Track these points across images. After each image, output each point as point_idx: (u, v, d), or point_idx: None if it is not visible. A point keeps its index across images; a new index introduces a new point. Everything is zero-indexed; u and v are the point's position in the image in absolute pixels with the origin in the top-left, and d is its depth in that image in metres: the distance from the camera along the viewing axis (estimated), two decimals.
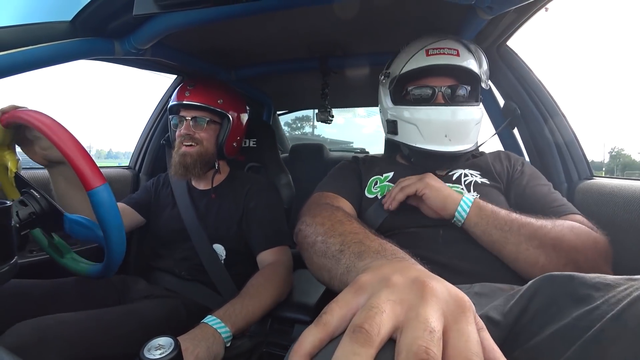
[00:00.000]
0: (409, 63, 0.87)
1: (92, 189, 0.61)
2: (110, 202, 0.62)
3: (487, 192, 0.81)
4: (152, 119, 1.53)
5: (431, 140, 0.84)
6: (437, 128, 0.83)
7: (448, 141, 0.82)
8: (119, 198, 1.37)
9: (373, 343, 0.25)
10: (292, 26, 1.06)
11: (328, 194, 0.84)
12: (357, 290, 0.31)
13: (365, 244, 0.46)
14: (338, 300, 0.31)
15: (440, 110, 0.83)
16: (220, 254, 1.05)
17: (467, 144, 0.85)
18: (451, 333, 0.26)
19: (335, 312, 0.29)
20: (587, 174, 1.04)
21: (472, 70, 0.85)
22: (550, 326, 0.40)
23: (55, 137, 0.62)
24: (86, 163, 0.61)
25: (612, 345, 0.33)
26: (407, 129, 0.87)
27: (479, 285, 0.62)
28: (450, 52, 0.84)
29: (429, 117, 0.83)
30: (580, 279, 0.40)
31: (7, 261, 0.50)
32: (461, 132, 0.84)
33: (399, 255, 0.42)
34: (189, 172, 1.04)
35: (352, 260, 0.44)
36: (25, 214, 0.66)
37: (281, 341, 0.93)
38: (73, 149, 0.61)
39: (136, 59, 1.07)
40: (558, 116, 1.09)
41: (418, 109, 0.85)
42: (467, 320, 0.27)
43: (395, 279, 0.30)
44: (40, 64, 0.79)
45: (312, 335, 0.28)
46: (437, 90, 0.85)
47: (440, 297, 0.28)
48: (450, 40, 0.87)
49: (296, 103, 2.25)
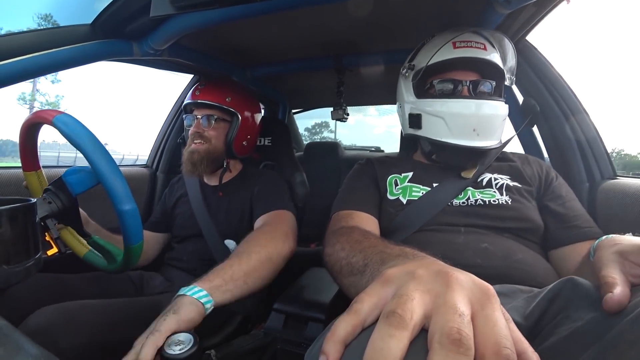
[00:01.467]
0: (436, 55, 0.84)
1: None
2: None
3: (519, 196, 0.79)
4: (169, 118, 1.56)
5: (459, 134, 0.81)
6: (466, 121, 0.80)
7: (476, 135, 0.80)
8: (137, 196, 1.41)
9: (407, 326, 0.25)
10: (307, 25, 1.06)
11: (343, 213, 0.83)
12: (384, 282, 0.31)
13: (386, 252, 0.47)
14: (367, 291, 0.31)
15: (468, 103, 0.81)
16: (231, 249, 1.06)
17: (494, 140, 0.83)
18: (479, 319, 0.26)
19: (365, 301, 0.30)
20: (610, 173, 1.00)
21: (498, 65, 0.84)
22: (567, 328, 0.39)
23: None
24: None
25: (630, 349, 0.32)
26: (433, 122, 0.84)
27: (498, 285, 0.61)
28: (478, 46, 0.83)
29: (457, 110, 0.81)
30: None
31: (32, 256, 0.52)
32: (489, 127, 0.81)
33: (420, 255, 0.42)
34: (196, 169, 1.05)
35: (377, 267, 0.45)
36: (47, 210, 0.69)
37: (295, 338, 0.93)
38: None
39: (154, 60, 1.09)
40: (580, 113, 1.05)
41: (445, 101, 0.83)
42: (493, 307, 0.27)
43: (420, 272, 0.30)
44: (63, 66, 0.82)
45: (345, 322, 0.29)
46: (463, 84, 0.83)
47: (465, 285, 0.28)
48: (477, 34, 0.86)
49: (311, 102, 2.25)
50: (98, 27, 0.85)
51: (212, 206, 1.11)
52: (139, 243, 0.70)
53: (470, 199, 0.80)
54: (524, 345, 0.26)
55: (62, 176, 0.71)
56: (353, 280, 0.53)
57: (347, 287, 0.56)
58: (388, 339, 0.25)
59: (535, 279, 0.66)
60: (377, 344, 0.25)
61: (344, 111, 1.47)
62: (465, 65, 0.83)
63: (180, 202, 1.17)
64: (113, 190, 0.64)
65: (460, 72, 0.84)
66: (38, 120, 0.69)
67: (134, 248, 0.70)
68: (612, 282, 0.37)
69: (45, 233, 0.71)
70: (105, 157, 0.64)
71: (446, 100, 0.83)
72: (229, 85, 1.14)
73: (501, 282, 0.63)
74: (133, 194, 0.67)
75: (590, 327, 0.37)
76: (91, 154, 0.63)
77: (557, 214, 0.78)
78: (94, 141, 0.64)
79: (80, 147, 0.63)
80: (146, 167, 1.54)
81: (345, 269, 0.56)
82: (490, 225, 0.75)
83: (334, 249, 0.64)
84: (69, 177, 0.71)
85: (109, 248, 0.78)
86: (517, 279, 0.64)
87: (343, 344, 0.28)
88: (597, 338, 0.35)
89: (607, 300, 0.36)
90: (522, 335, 0.43)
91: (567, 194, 0.82)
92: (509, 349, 0.24)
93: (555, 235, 0.77)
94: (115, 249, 0.79)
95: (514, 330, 0.27)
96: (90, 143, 0.64)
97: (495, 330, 0.25)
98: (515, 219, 0.76)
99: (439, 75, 0.86)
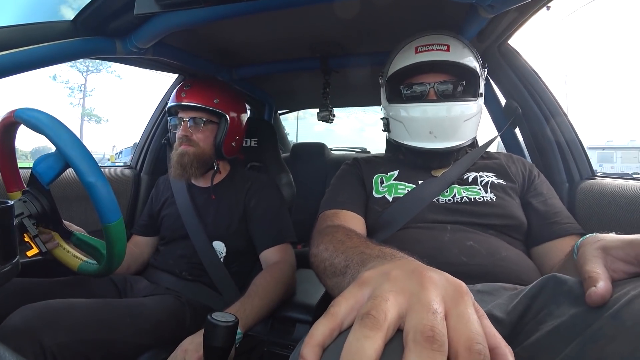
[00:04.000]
0: (399, 62, 0.87)
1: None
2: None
3: (503, 193, 0.81)
4: (154, 118, 1.53)
5: (416, 137, 0.85)
6: (422, 125, 0.84)
7: (434, 138, 0.83)
8: (121, 198, 1.38)
9: (381, 327, 0.26)
10: (294, 26, 1.06)
11: (329, 212, 0.84)
12: (361, 285, 0.32)
13: (366, 252, 0.48)
14: (344, 294, 0.32)
15: (424, 107, 0.84)
16: (220, 251, 1.05)
17: (456, 141, 0.85)
18: (452, 316, 0.27)
19: (342, 304, 0.31)
20: (588, 174, 1.03)
21: (465, 64, 0.84)
22: (550, 324, 0.40)
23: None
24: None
25: (610, 343, 0.33)
26: (397, 126, 0.89)
27: (482, 284, 0.62)
28: (440, 48, 0.84)
29: (413, 115, 0.85)
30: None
31: (9, 260, 0.51)
32: (447, 129, 0.83)
33: (398, 255, 0.43)
34: (187, 171, 1.03)
35: (357, 268, 0.46)
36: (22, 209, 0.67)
37: (282, 341, 0.93)
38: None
39: (138, 58, 1.07)
40: (559, 115, 1.08)
41: (405, 106, 0.87)
42: (465, 304, 0.28)
43: (395, 273, 0.31)
44: (42, 64, 0.79)
45: (322, 325, 0.30)
46: (429, 87, 0.85)
47: (438, 284, 0.29)
48: (442, 36, 0.87)
49: (297, 102, 2.25)
50: (80, 23, 0.83)
51: (200, 208, 1.09)
52: (118, 220, 0.67)
53: (456, 196, 0.81)
54: (497, 339, 0.27)
55: (31, 169, 0.70)
56: (336, 281, 0.53)
57: (331, 288, 0.57)
58: (363, 340, 0.25)
59: (519, 277, 0.67)
60: (352, 346, 0.25)
61: (330, 112, 1.47)
62: (431, 68, 0.85)
63: (167, 204, 1.15)
64: (77, 162, 0.62)
65: (426, 75, 0.86)
66: (4, 123, 0.69)
67: (113, 226, 0.66)
68: (596, 277, 0.38)
69: (24, 234, 0.69)
70: (67, 133, 0.64)
71: (405, 106, 0.87)
72: (216, 86, 1.12)
73: (486, 279, 0.64)
74: (116, 196, 0.65)
75: (573, 323, 0.38)
76: (53, 134, 0.63)
77: (539, 210, 0.80)
78: (54, 121, 0.64)
79: (42, 130, 0.63)
80: (130, 168, 1.51)
81: (328, 270, 0.57)
82: (476, 222, 0.77)
83: (319, 249, 0.65)
84: (38, 167, 0.69)
85: (93, 243, 0.75)
86: (501, 276, 0.65)
87: (321, 347, 0.29)
88: (579, 333, 0.36)
89: (590, 294, 0.37)
90: (505, 331, 0.45)
91: (548, 191, 0.85)
92: (480, 344, 0.25)
93: (537, 231, 0.79)
94: (100, 243, 0.76)
95: (488, 326, 0.28)
96: (50, 124, 0.63)
97: (468, 326, 0.26)
98: (500, 216, 0.77)
99: (407, 80, 0.89)
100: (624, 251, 0.40)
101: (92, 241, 0.76)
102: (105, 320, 0.77)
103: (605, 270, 0.39)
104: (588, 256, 0.42)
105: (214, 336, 0.63)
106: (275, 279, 0.93)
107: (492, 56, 1.15)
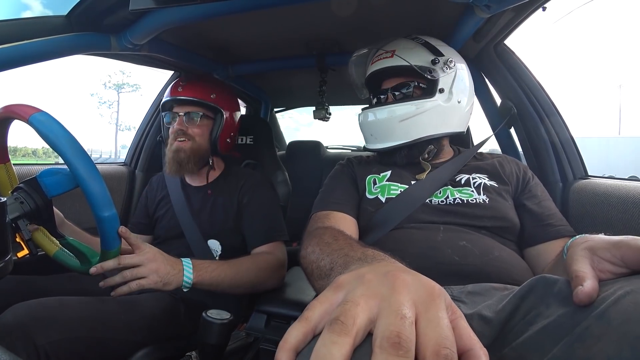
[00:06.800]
0: (365, 74, 0.97)
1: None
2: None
3: (496, 195, 0.82)
4: (149, 115, 1.52)
5: (367, 140, 0.97)
6: (366, 129, 0.95)
7: (374, 140, 0.93)
8: (115, 195, 1.37)
9: (349, 332, 0.26)
10: (290, 23, 1.05)
11: (321, 213, 0.84)
12: (335, 288, 0.32)
13: (350, 255, 0.48)
14: (319, 297, 0.32)
15: (367, 113, 0.93)
16: (215, 249, 1.05)
17: (394, 141, 0.88)
18: (422, 321, 0.27)
19: (316, 308, 0.31)
20: (582, 174, 1.04)
21: (410, 66, 0.85)
22: (538, 324, 0.40)
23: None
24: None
25: (597, 342, 0.34)
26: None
27: (472, 285, 0.62)
28: (385, 55, 0.89)
29: (361, 120, 0.96)
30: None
31: (1, 258, 0.50)
32: (382, 130, 0.91)
33: (379, 257, 0.43)
34: (183, 168, 1.03)
35: (339, 271, 0.47)
36: (19, 211, 0.66)
37: (277, 338, 0.93)
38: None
39: (133, 55, 1.06)
40: (554, 115, 1.09)
41: (360, 114, 0.97)
42: (437, 307, 0.28)
43: (368, 276, 0.31)
44: (35, 59, 0.78)
45: (296, 329, 0.30)
46: (388, 93, 0.91)
47: (410, 287, 0.29)
48: (396, 41, 0.92)
49: (293, 100, 2.24)
50: (74, 19, 0.82)
51: (195, 206, 1.09)
52: (117, 247, 0.69)
53: (449, 197, 0.81)
54: (473, 341, 0.27)
55: (37, 177, 0.67)
56: (322, 283, 0.53)
57: (319, 291, 0.57)
58: (330, 346, 0.25)
59: (511, 276, 0.67)
60: (320, 351, 0.26)
61: (326, 110, 1.47)
62: (386, 75, 0.91)
63: (162, 204, 1.14)
64: (93, 195, 0.61)
65: (388, 80, 0.92)
66: (11, 115, 0.66)
67: (111, 253, 0.68)
68: (583, 276, 0.39)
69: (17, 234, 0.68)
70: (84, 161, 0.61)
71: (360, 113, 0.97)
72: (213, 82, 1.12)
73: (479, 279, 0.64)
74: (111, 193, 0.64)
75: (561, 323, 0.38)
76: (70, 156, 0.60)
77: (532, 212, 0.81)
78: (73, 143, 0.61)
79: (58, 148, 0.60)
80: (124, 165, 1.50)
81: (315, 272, 0.58)
82: (468, 223, 0.77)
83: (307, 251, 0.65)
84: (45, 179, 0.67)
85: (83, 250, 0.74)
86: (493, 276, 0.66)
87: (294, 351, 0.29)
88: (567, 333, 0.36)
89: (577, 293, 0.37)
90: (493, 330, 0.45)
91: (542, 193, 0.85)
92: (448, 349, 0.25)
93: (530, 233, 0.79)
94: (90, 251, 0.76)
95: (463, 327, 0.28)
96: (68, 145, 0.61)
97: (437, 331, 0.26)
98: (492, 218, 0.78)
99: (374, 89, 0.97)
100: (610, 252, 0.41)
101: (82, 248, 0.75)
102: (98, 317, 0.76)
103: (592, 270, 0.40)
104: (576, 256, 0.42)
105: (209, 333, 0.63)
106: (255, 263, 0.95)
107: (488, 56, 1.15)
